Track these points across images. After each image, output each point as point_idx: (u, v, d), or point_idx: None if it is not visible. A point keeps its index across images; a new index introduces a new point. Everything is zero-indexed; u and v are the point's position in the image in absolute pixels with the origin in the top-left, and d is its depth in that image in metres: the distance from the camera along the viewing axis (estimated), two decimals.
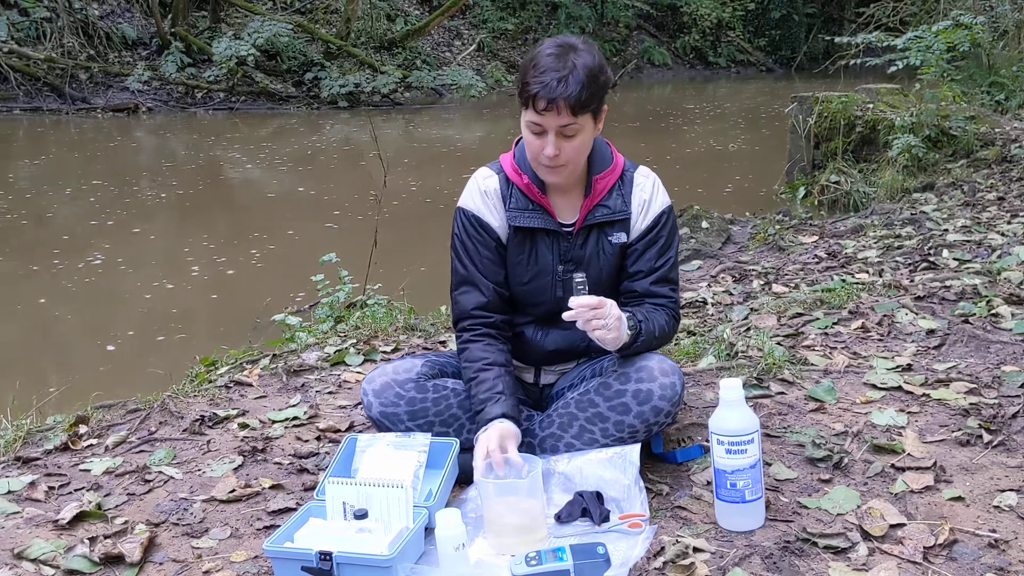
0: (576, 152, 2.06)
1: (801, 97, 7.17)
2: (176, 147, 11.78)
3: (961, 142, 6.47)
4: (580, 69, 1.96)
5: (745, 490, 1.87)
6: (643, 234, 2.19)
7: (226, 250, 6.65)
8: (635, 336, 2.05)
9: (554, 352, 2.27)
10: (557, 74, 1.95)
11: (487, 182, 2.21)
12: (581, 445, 2.12)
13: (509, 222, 2.17)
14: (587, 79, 1.97)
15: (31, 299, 5.52)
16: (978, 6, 9.22)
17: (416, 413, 2.15)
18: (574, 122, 1.99)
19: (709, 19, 21.02)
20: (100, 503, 2.15)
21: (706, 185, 8.09)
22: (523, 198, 2.17)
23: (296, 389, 2.88)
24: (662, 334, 2.15)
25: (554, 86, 1.95)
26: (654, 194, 2.20)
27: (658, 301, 2.18)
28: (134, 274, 6.06)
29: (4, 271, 6.19)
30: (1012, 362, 2.71)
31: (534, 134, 2.04)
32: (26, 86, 13.86)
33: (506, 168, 2.20)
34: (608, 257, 2.19)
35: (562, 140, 2.02)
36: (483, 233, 2.18)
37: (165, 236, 7.15)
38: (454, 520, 1.76)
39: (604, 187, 2.17)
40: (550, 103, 1.96)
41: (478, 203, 2.19)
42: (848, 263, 4.19)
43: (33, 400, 2.90)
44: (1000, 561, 1.75)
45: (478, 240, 2.18)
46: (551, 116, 1.98)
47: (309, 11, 17.24)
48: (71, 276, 5.99)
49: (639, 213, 2.19)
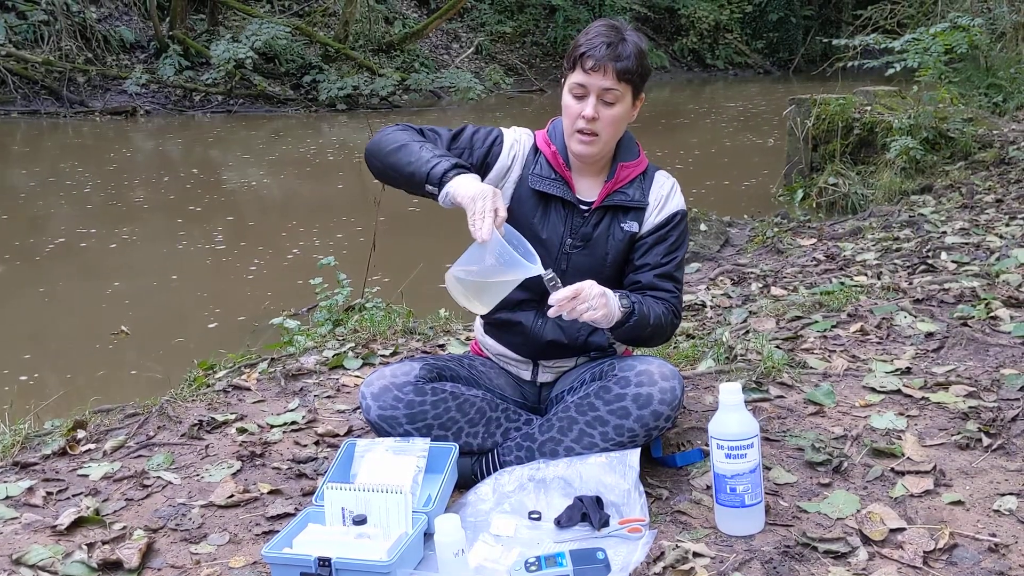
0: (612, 123, 2.11)
1: (799, 99, 7.17)
2: (174, 150, 11.77)
3: (959, 144, 6.48)
4: (630, 43, 2.08)
5: (745, 494, 1.87)
6: (654, 229, 2.21)
7: (224, 253, 6.64)
8: (628, 314, 2.06)
9: (552, 343, 2.26)
10: (608, 39, 2.06)
11: (524, 136, 2.26)
12: (580, 449, 2.11)
13: (529, 183, 2.20)
14: (635, 52, 2.07)
15: (28, 303, 5.51)
16: (976, 8, 9.24)
17: (415, 416, 2.15)
18: (616, 87, 2.07)
19: (707, 21, 21.05)
20: (98, 508, 2.14)
21: (704, 187, 8.10)
22: (548, 166, 2.21)
23: (294, 393, 2.88)
24: (659, 323, 2.15)
25: (604, 48, 2.05)
26: (671, 194, 2.25)
27: (660, 295, 2.19)
28: (132, 278, 6.05)
29: (1, 275, 6.18)
30: (1011, 365, 2.71)
31: (576, 97, 2.11)
32: (24, 89, 13.85)
33: (538, 137, 2.26)
34: (616, 243, 2.20)
35: (602, 107, 2.08)
36: (487, 148, 2.19)
37: (163, 239, 7.13)
38: (453, 526, 1.76)
39: (628, 176, 2.21)
40: (598, 63, 2.05)
41: (508, 139, 2.22)
42: (846, 265, 4.19)
43: (31, 405, 2.89)
44: (1000, 565, 1.75)
45: (477, 143, 2.19)
46: (597, 76, 2.06)
47: (307, 14, 17.25)
48: (68, 280, 5.99)
49: (655, 208, 2.23)
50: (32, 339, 4.99)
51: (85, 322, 5.24)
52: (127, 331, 4.34)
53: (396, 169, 2.08)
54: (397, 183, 2.12)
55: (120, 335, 4.79)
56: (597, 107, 2.08)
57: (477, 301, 1.96)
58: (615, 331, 2.10)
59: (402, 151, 2.07)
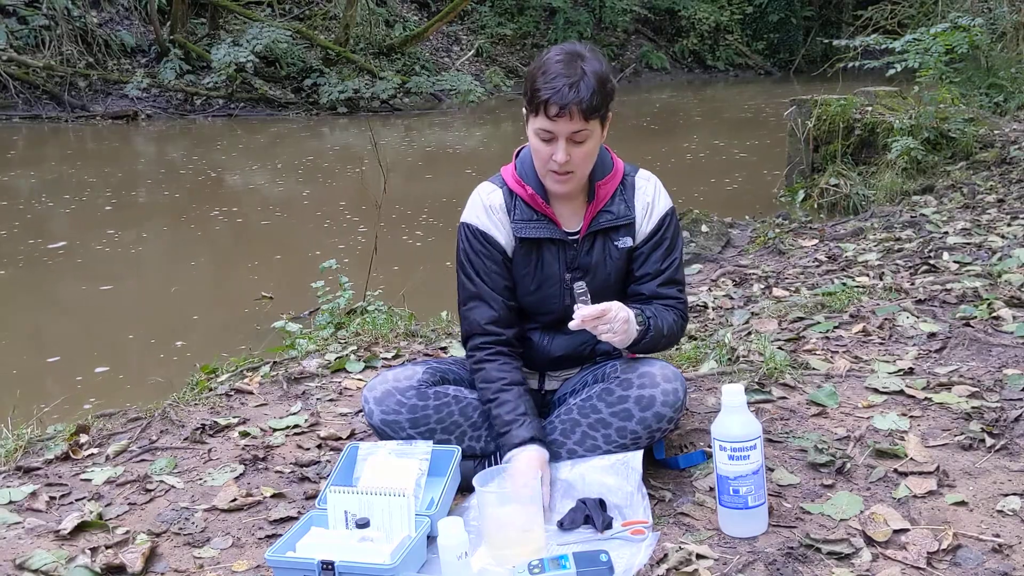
0: (584, 159, 2.06)
1: (799, 100, 7.17)
2: (175, 154, 11.78)
3: (960, 144, 6.47)
4: (590, 75, 1.97)
5: (748, 496, 1.87)
6: (648, 237, 2.19)
7: (226, 257, 6.65)
8: (644, 332, 2.06)
9: (560, 358, 2.27)
10: (568, 80, 1.95)
11: (491, 197, 2.20)
12: (583, 451, 2.11)
13: (515, 234, 2.17)
14: (597, 85, 1.97)
15: (30, 306, 5.52)
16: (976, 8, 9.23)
17: (418, 420, 2.14)
18: (585, 128, 1.99)
19: (707, 23, 21.04)
20: (101, 513, 2.14)
21: (705, 189, 8.10)
22: (527, 209, 2.16)
23: (297, 397, 2.88)
24: (670, 332, 2.16)
25: (566, 92, 1.94)
26: (656, 196, 2.21)
27: (666, 302, 2.18)
28: (134, 282, 6.06)
29: (2, 280, 6.19)
30: (1014, 365, 2.71)
31: (543, 141, 2.03)
32: (25, 94, 13.87)
33: (508, 181, 2.20)
34: (615, 262, 2.19)
35: (572, 147, 2.02)
36: (489, 248, 2.17)
37: (164, 243, 7.14)
38: (456, 529, 1.76)
39: (607, 193, 2.17)
40: (562, 109, 1.95)
41: (483, 218, 2.18)
42: (848, 266, 4.19)
43: (34, 409, 2.89)
44: (1004, 566, 1.75)
45: (485, 255, 2.17)
46: (563, 122, 1.97)
47: (308, 17, 17.26)
48: (70, 283, 5.99)
49: (643, 217, 2.19)
50: (34, 343, 5.00)
51: (87, 326, 5.25)
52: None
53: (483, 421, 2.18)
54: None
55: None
56: (568, 149, 2.01)
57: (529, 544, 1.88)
58: (630, 347, 2.10)
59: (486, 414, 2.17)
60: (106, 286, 5.95)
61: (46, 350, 4.88)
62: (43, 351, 4.88)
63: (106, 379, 4.28)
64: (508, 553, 1.85)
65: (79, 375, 4.39)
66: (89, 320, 5.38)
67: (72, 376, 4.40)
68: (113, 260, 6.53)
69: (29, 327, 5.24)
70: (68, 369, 4.54)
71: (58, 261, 6.48)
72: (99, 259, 6.55)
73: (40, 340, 5.05)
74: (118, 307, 5.62)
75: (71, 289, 5.89)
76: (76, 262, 6.48)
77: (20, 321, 5.37)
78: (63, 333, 5.18)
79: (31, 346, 4.96)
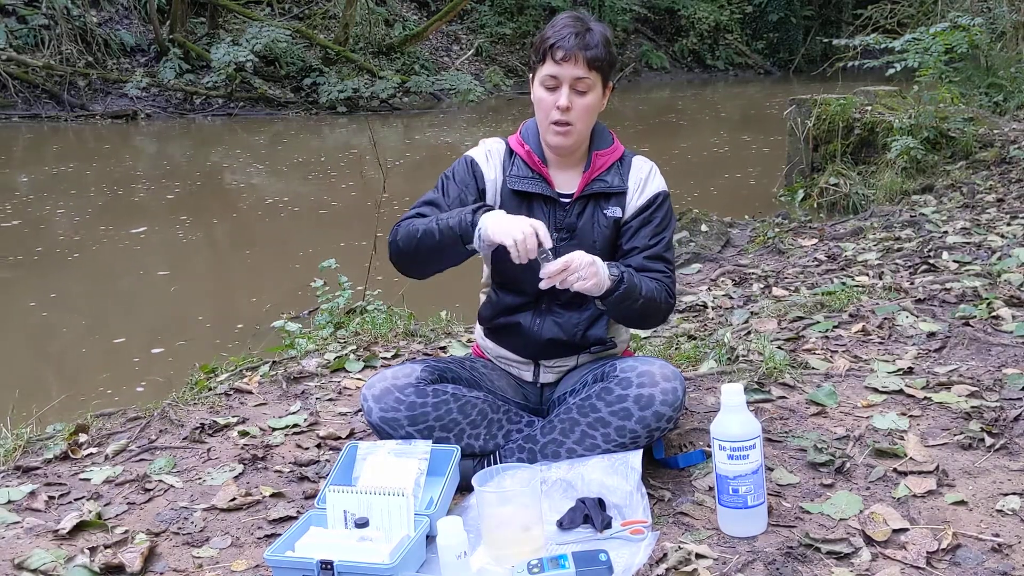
0: (585, 112, 2.13)
1: (799, 100, 7.17)
2: (175, 153, 11.78)
3: (960, 144, 6.47)
4: (597, 31, 2.12)
5: (747, 496, 1.87)
6: (638, 212, 2.22)
7: (225, 256, 6.65)
8: (617, 282, 2.05)
9: (551, 342, 2.27)
10: (575, 29, 2.10)
11: (495, 144, 2.31)
12: (583, 451, 2.11)
13: (508, 185, 2.23)
14: (602, 41, 2.11)
15: (30, 307, 5.52)
16: (976, 7, 9.24)
17: (416, 418, 2.14)
18: (588, 76, 2.10)
19: (707, 22, 21.05)
20: (100, 512, 2.14)
21: (705, 188, 8.10)
22: (524, 166, 2.25)
23: (296, 396, 2.88)
24: (651, 296, 2.13)
25: (572, 38, 2.08)
26: (651, 176, 2.27)
27: (652, 275, 2.18)
28: (133, 281, 6.06)
29: (2, 278, 6.18)
30: (1013, 365, 2.71)
31: (548, 89, 2.13)
32: (24, 93, 13.87)
33: (511, 141, 2.30)
34: (602, 230, 2.22)
35: (574, 95, 2.11)
36: (472, 178, 2.25)
37: (164, 242, 7.14)
38: (456, 528, 1.76)
39: (604, 163, 2.23)
40: (568, 52, 2.08)
41: (480, 155, 2.28)
42: (848, 266, 4.19)
43: (33, 409, 2.89)
44: (1003, 566, 1.74)
45: (464, 182, 2.24)
46: (568, 66, 2.09)
47: (307, 17, 17.26)
48: (70, 283, 5.99)
49: (635, 190, 2.24)
50: (34, 343, 5.00)
51: (87, 326, 5.24)
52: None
53: (432, 252, 2.11)
54: (441, 263, 2.15)
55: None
56: (571, 97, 2.11)
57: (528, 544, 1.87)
58: (607, 303, 2.09)
59: (425, 235, 2.10)
60: (105, 285, 5.96)
61: (45, 349, 4.88)
62: (42, 350, 4.88)
63: (105, 378, 4.28)
64: (507, 553, 1.85)
65: (78, 374, 4.39)
66: (87, 319, 5.38)
67: (71, 375, 4.40)
68: (111, 259, 6.53)
69: (27, 326, 5.24)
70: (67, 368, 4.54)
71: (56, 260, 6.48)
72: (97, 258, 6.55)
73: (38, 339, 5.05)
74: (117, 306, 5.62)
75: (70, 288, 5.89)
76: (74, 261, 6.48)
77: (18, 320, 5.37)
78: (62, 332, 5.18)
79: (29, 345, 4.96)
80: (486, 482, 1.91)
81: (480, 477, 1.91)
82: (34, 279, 6.14)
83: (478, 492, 1.89)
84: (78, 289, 5.90)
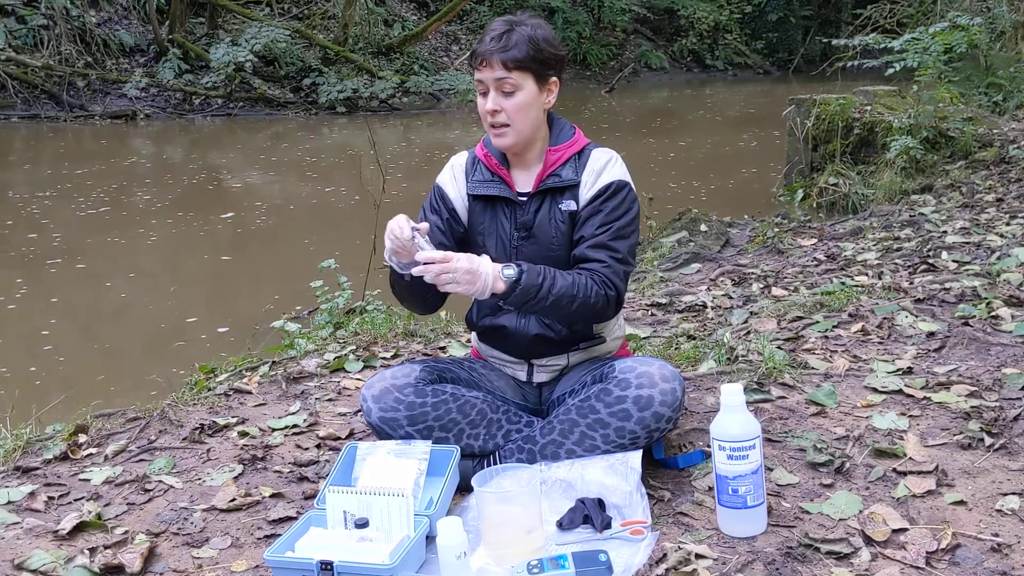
0: (517, 112, 2.16)
1: (799, 99, 7.17)
2: (174, 153, 11.77)
3: (959, 143, 6.47)
4: (519, 33, 2.14)
5: (747, 496, 1.87)
6: (588, 201, 2.22)
7: (224, 256, 6.64)
8: (513, 283, 2.04)
9: (538, 338, 2.26)
10: (495, 32, 2.16)
11: (458, 159, 2.38)
12: (582, 452, 2.11)
13: (468, 191, 2.29)
14: (522, 41, 2.13)
15: (29, 307, 5.51)
16: (975, 7, 9.24)
17: (415, 418, 2.14)
18: (508, 76, 2.13)
19: (706, 22, 21.03)
20: (100, 513, 2.14)
21: (704, 188, 8.10)
22: (485, 171, 2.29)
23: (296, 396, 2.88)
24: (568, 292, 2.07)
25: (487, 43, 2.15)
26: (606, 167, 2.24)
27: (590, 265, 2.15)
28: (132, 281, 6.05)
29: (1, 279, 6.18)
30: (1013, 364, 2.71)
31: (481, 95, 2.20)
32: (24, 94, 13.86)
33: (476, 148, 2.34)
34: (559, 224, 2.22)
35: (501, 97, 2.15)
36: (439, 202, 2.31)
37: (163, 243, 7.14)
38: (455, 528, 1.76)
39: (560, 158, 2.24)
40: (484, 58, 2.15)
41: (446, 177, 2.34)
42: (847, 265, 4.19)
43: (32, 409, 2.89)
44: (1003, 565, 1.75)
45: (433, 208, 2.32)
46: (487, 70, 2.15)
47: (306, 17, 17.26)
48: (69, 284, 5.98)
49: (588, 182, 2.23)
50: (33, 343, 4.99)
51: (86, 326, 5.25)
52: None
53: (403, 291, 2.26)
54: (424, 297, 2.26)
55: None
56: (497, 99, 2.15)
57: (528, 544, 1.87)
58: (507, 303, 2.10)
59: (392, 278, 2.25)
60: (104, 285, 5.95)
61: (45, 349, 4.87)
62: (42, 350, 4.87)
63: (105, 379, 4.28)
64: (507, 553, 1.85)
65: (78, 374, 4.39)
66: (88, 319, 5.38)
67: (71, 376, 4.40)
68: (112, 259, 6.53)
69: (27, 326, 5.24)
70: (67, 368, 4.54)
71: (56, 260, 6.48)
72: (97, 258, 6.54)
73: (38, 339, 5.05)
74: (117, 306, 5.62)
75: (70, 288, 5.89)
76: (74, 261, 6.47)
77: (18, 320, 5.37)
78: (62, 332, 5.18)
79: (29, 346, 4.96)
80: (486, 482, 1.91)
81: (480, 477, 1.91)
82: (33, 278, 6.14)
83: (478, 492, 1.89)
84: (78, 289, 5.90)
